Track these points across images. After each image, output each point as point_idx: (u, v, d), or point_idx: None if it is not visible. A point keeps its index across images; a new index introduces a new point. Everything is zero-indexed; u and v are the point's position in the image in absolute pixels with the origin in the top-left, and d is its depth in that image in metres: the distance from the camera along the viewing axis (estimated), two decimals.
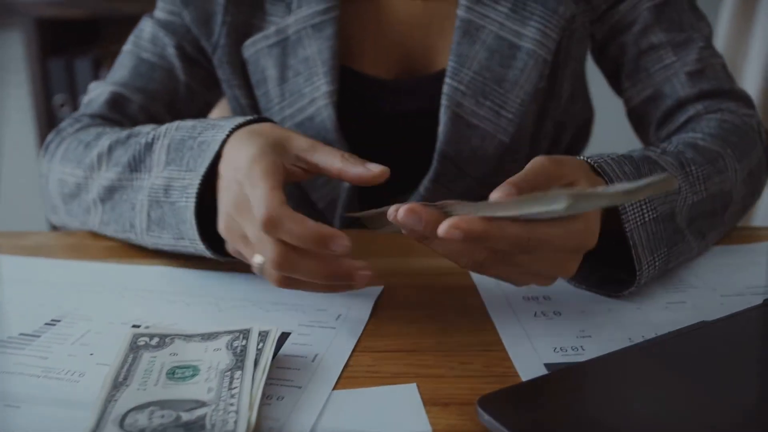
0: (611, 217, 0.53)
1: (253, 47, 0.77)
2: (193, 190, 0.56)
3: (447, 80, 0.73)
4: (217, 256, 0.57)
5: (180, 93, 0.80)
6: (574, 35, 0.76)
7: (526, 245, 0.45)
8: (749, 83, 1.81)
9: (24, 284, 0.59)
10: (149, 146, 0.61)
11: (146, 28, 0.80)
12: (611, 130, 1.12)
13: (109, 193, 0.63)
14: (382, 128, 0.79)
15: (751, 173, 0.68)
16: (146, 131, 0.63)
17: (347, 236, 0.46)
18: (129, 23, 0.82)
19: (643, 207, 0.54)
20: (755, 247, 0.67)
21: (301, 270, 0.48)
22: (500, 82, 0.74)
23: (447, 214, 0.45)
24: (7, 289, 0.58)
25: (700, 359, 0.46)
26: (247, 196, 0.49)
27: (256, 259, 0.49)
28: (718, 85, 0.75)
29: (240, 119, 0.57)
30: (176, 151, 0.59)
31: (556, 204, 0.40)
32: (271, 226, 0.46)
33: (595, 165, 0.53)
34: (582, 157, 0.55)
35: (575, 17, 0.75)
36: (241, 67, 0.78)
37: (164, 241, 0.60)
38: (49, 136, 0.75)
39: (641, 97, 0.78)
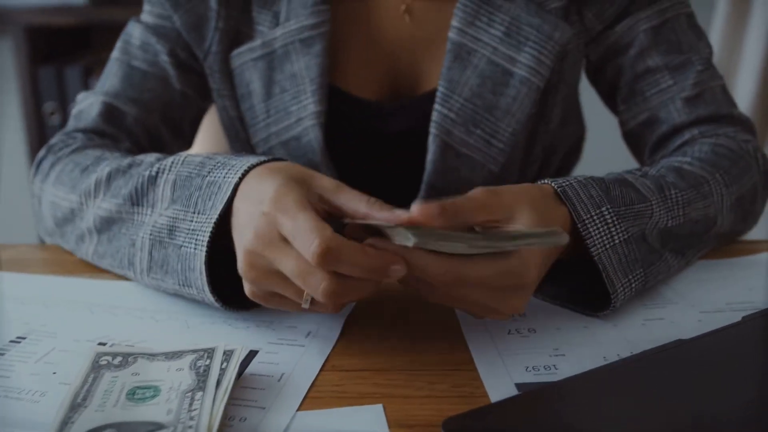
0: (580, 242, 0.52)
1: (239, 59, 0.75)
2: (204, 237, 0.51)
3: (436, 107, 0.71)
4: (226, 307, 0.53)
5: (175, 102, 0.77)
6: (568, 58, 0.74)
7: (450, 281, 0.45)
8: (743, 84, 1.81)
9: None
10: (153, 179, 0.57)
11: (135, 33, 0.77)
12: (606, 146, 1.11)
13: (107, 224, 0.60)
14: (369, 150, 0.77)
15: (741, 198, 0.66)
16: (149, 161, 0.59)
17: (399, 257, 0.44)
18: (119, 31, 0.78)
19: (612, 230, 0.53)
20: (737, 262, 0.66)
21: (356, 291, 0.45)
22: (491, 110, 0.71)
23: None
24: None
25: (676, 379, 0.46)
26: (279, 228, 0.46)
27: (305, 297, 0.46)
28: (715, 110, 0.73)
29: (253, 159, 0.53)
30: (182, 189, 0.55)
31: (406, 240, 0.42)
32: (329, 257, 0.42)
33: (558, 189, 0.53)
34: (546, 181, 0.54)
35: (570, 41, 0.73)
36: (230, 77, 0.76)
37: (167, 285, 0.56)
38: (41, 153, 0.71)
39: (637, 120, 0.76)
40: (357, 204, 0.47)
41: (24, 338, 0.52)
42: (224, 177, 0.52)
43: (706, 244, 0.64)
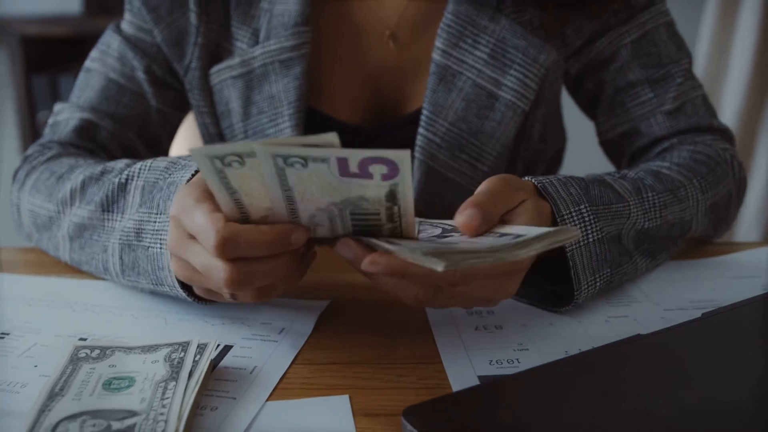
0: None
1: (218, 76, 0.75)
2: (167, 236, 0.52)
3: (421, 131, 0.71)
4: (199, 302, 0.55)
5: (151, 117, 0.77)
6: (548, 75, 0.74)
7: (452, 279, 0.46)
8: (733, 81, 1.83)
9: None
10: (123, 186, 0.59)
11: (113, 44, 0.77)
12: (586, 153, 1.12)
13: (79, 230, 0.62)
14: None
15: (716, 205, 0.68)
16: (119, 168, 0.61)
17: (297, 225, 0.46)
18: None
19: (588, 228, 0.55)
20: (703, 263, 0.68)
21: (260, 275, 0.46)
22: (477, 134, 0.71)
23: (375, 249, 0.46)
24: None
25: (632, 371, 0.47)
26: (185, 228, 0.48)
27: (222, 291, 0.47)
28: (695, 122, 0.75)
29: None
30: (149, 193, 0.57)
31: (435, 265, 0.40)
32: (227, 246, 0.44)
33: (539, 186, 0.55)
34: (528, 178, 0.56)
35: (555, 63, 0.74)
36: (209, 94, 0.76)
37: (143, 285, 0.57)
38: (18, 163, 0.73)
39: (617, 131, 0.78)
40: None
41: (7, 334, 0.54)
42: (182, 177, 0.54)
43: (677, 247, 0.66)
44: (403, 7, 0.75)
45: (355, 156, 0.41)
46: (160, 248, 0.54)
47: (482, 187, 0.50)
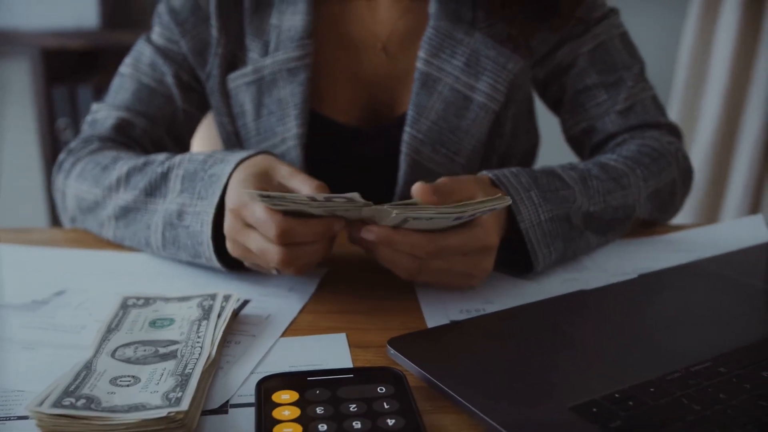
0: (514, 218, 0.66)
1: (234, 82, 0.86)
2: (208, 218, 0.65)
3: (406, 128, 0.82)
4: (230, 270, 0.67)
5: (178, 117, 0.89)
6: (516, 80, 0.85)
7: (433, 251, 0.58)
8: (714, 80, 1.95)
9: (33, 266, 0.71)
10: (164, 176, 0.70)
11: (145, 52, 0.87)
12: (558, 150, 1.24)
13: (124, 212, 0.73)
14: (348, 169, 0.88)
15: (658, 191, 0.80)
16: (160, 159, 0.72)
17: (338, 219, 0.58)
18: (127, 53, 0.90)
19: (538, 209, 0.67)
20: (649, 240, 0.79)
21: (305, 256, 0.59)
22: (454, 131, 0.83)
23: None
24: (19, 272, 0.70)
25: (576, 317, 0.59)
26: (244, 218, 0.60)
27: (271, 266, 0.60)
28: (645, 119, 0.86)
29: (243, 153, 0.67)
30: (190, 182, 0.67)
31: (389, 215, 0.55)
32: (285, 235, 0.57)
33: (494, 178, 0.66)
34: (484, 172, 0.68)
35: (522, 70, 0.85)
36: (227, 97, 0.87)
37: (181, 257, 0.69)
38: (61, 155, 0.84)
39: (578, 128, 0.89)
40: (304, 187, 0.61)
41: (64, 292, 0.65)
42: (222, 170, 0.66)
43: (625, 227, 0.77)
44: (393, 23, 0.87)
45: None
46: (201, 227, 0.65)
47: (439, 182, 0.62)
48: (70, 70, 1.94)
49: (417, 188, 0.58)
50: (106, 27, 1.82)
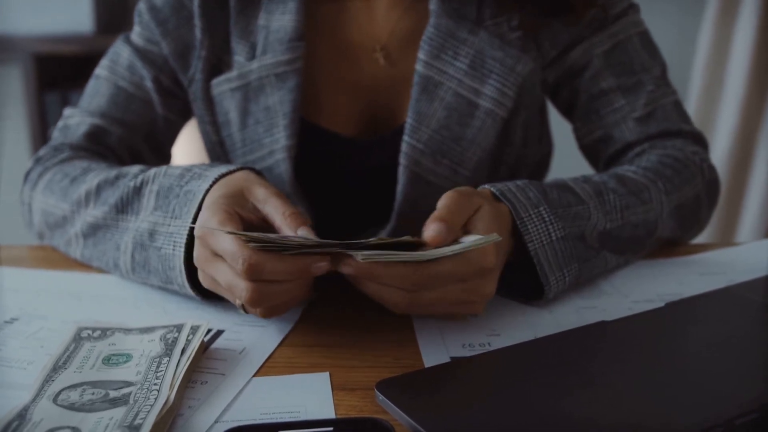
0: (522, 238, 0.58)
1: (218, 88, 0.78)
2: (181, 239, 0.57)
3: (405, 138, 0.74)
4: (204, 299, 0.60)
5: (158, 124, 0.82)
6: (526, 84, 0.77)
7: (420, 281, 0.50)
8: (731, 86, 1.87)
9: None
10: (138, 190, 0.63)
11: (123, 53, 0.80)
12: (574, 159, 1.17)
13: (93, 230, 0.66)
14: (341, 183, 0.81)
15: (682, 206, 0.72)
16: (134, 173, 0.65)
17: (320, 256, 0.50)
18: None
19: (549, 228, 0.59)
20: (673, 261, 0.72)
21: (277, 295, 0.51)
22: (458, 140, 0.75)
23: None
24: None
25: (594, 353, 0.51)
26: (211, 248, 0.52)
27: (237, 303, 0.53)
28: (666, 127, 0.78)
29: (223, 169, 0.60)
30: (164, 198, 0.61)
31: (357, 257, 0.49)
32: (253, 272, 0.49)
33: (497, 192, 0.59)
34: (486, 186, 0.60)
35: (531, 72, 0.77)
36: (211, 104, 0.80)
37: (152, 282, 0.62)
38: (29, 164, 0.77)
39: (592, 137, 0.81)
40: (275, 216, 0.54)
41: (16, 319, 0.58)
42: (198, 186, 0.59)
43: (645, 246, 0.70)
44: (392, 24, 0.79)
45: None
46: (173, 250, 0.58)
47: (440, 203, 0.54)
48: (63, 76, 1.88)
49: (430, 236, 0.51)
50: (101, 32, 1.78)
